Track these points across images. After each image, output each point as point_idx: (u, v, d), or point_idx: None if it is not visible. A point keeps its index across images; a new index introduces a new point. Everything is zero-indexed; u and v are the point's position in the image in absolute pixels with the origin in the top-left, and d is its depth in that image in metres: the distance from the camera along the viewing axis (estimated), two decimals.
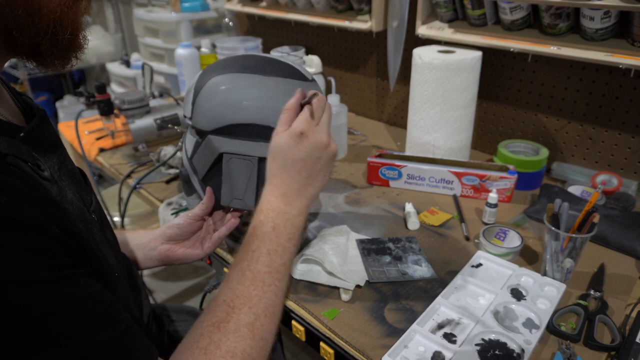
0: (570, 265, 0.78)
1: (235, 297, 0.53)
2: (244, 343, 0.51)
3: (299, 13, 1.58)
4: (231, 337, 0.50)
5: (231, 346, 0.50)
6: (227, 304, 0.53)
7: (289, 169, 0.62)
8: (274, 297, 0.55)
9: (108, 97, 1.30)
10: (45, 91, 3.24)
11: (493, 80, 1.25)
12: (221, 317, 0.52)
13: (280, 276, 0.57)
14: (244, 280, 0.55)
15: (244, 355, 0.50)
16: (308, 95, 0.65)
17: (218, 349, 0.49)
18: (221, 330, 0.51)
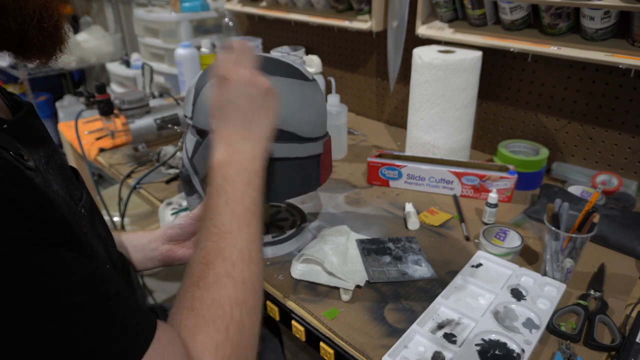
0: (570, 265, 0.78)
1: (206, 253, 0.53)
2: (227, 290, 0.50)
3: (299, 13, 1.58)
4: (213, 289, 0.50)
5: (215, 297, 0.49)
6: (201, 262, 0.52)
7: (224, 118, 0.60)
8: (246, 242, 0.54)
9: (108, 97, 1.30)
10: (45, 91, 3.23)
11: (493, 80, 1.25)
12: (198, 275, 0.51)
13: (247, 221, 0.55)
14: (211, 237, 0.54)
15: (230, 301, 0.50)
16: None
17: (203, 303, 0.49)
18: (201, 286, 0.50)
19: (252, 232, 0.55)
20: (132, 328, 0.43)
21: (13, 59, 0.55)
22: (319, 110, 0.79)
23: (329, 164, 0.85)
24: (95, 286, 0.42)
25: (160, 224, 1.06)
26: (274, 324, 1.01)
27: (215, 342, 0.47)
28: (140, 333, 0.43)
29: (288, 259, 0.87)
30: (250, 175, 0.58)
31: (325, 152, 0.81)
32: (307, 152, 0.78)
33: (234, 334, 0.48)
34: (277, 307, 0.80)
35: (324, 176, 0.83)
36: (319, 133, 0.80)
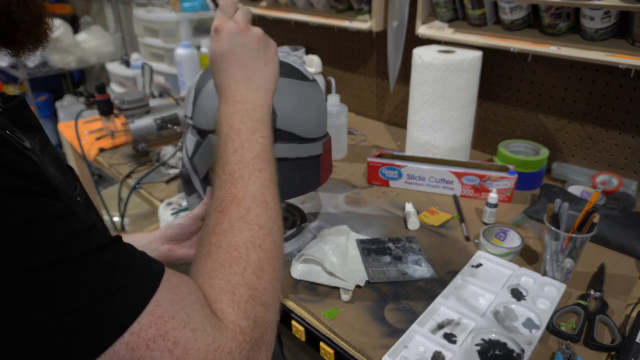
0: (570, 265, 0.78)
1: (221, 201, 0.53)
2: (243, 235, 0.50)
3: (299, 13, 1.58)
4: (228, 234, 0.50)
5: (232, 240, 0.49)
6: (216, 210, 0.52)
7: (222, 69, 0.60)
8: (259, 187, 0.54)
9: (108, 97, 1.30)
10: (45, 91, 3.23)
11: (493, 80, 1.25)
12: (214, 222, 0.51)
13: (257, 167, 0.55)
14: (223, 185, 0.54)
15: (247, 244, 0.49)
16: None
17: (219, 248, 0.49)
18: (217, 232, 0.50)
19: (264, 177, 0.55)
20: (136, 271, 0.41)
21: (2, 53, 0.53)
22: (319, 110, 0.79)
23: (329, 164, 0.85)
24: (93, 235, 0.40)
25: (160, 224, 1.06)
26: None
27: (232, 284, 0.46)
28: (145, 277, 0.41)
29: (288, 259, 0.87)
30: (255, 123, 0.58)
31: (325, 152, 0.81)
32: (307, 152, 0.78)
33: (251, 277, 0.47)
34: None
35: (324, 176, 0.83)
36: (318, 133, 0.80)
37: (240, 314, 0.45)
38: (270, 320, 0.48)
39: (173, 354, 0.40)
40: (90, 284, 0.37)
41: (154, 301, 0.40)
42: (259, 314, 0.46)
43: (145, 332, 0.39)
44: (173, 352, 0.40)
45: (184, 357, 0.40)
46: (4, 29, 0.47)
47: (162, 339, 0.39)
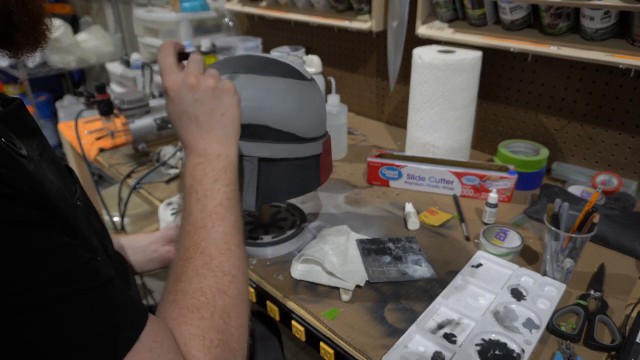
0: (570, 265, 0.78)
1: (185, 250, 0.54)
2: (208, 281, 0.51)
3: (299, 13, 1.58)
4: (194, 281, 0.51)
5: (197, 287, 0.50)
6: (181, 258, 0.53)
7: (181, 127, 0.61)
8: (222, 235, 0.55)
9: (108, 97, 1.30)
10: (45, 91, 3.23)
11: (493, 80, 1.25)
12: (179, 271, 0.52)
13: (220, 216, 0.56)
14: (187, 235, 0.55)
15: (212, 290, 0.50)
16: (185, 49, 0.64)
17: (185, 294, 0.49)
18: (182, 280, 0.51)
19: (227, 225, 0.56)
20: (124, 316, 0.43)
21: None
22: (318, 110, 0.79)
23: (329, 163, 0.85)
24: (86, 273, 0.41)
25: (160, 224, 1.06)
26: (273, 323, 1.01)
27: (201, 328, 0.47)
28: (131, 321, 0.43)
29: (288, 259, 0.87)
30: (218, 172, 0.58)
31: (324, 151, 0.81)
32: (307, 152, 0.78)
33: (219, 321, 0.48)
34: (277, 307, 0.80)
35: (324, 176, 0.83)
36: (318, 133, 0.80)
37: (211, 359, 0.46)
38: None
39: None
40: (72, 329, 0.38)
41: (135, 349, 0.41)
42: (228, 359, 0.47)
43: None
44: None
45: None
46: (3, 30, 0.47)
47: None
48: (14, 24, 0.47)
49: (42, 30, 0.51)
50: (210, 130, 0.60)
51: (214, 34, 2.08)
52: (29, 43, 0.50)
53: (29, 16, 0.48)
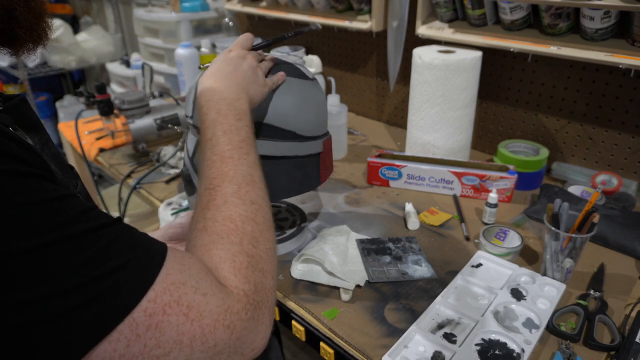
0: (570, 265, 0.78)
1: (212, 179, 0.55)
2: (237, 208, 0.52)
3: (299, 13, 1.58)
4: (223, 208, 0.52)
5: (227, 214, 0.51)
6: (208, 188, 0.54)
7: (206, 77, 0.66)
8: (247, 167, 0.56)
9: (108, 97, 1.30)
10: (45, 91, 3.23)
11: (493, 80, 1.25)
12: (207, 199, 0.53)
13: (244, 151, 0.58)
14: (213, 164, 0.56)
15: (242, 217, 0.51)
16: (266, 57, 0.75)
17: (215, 221, 0.51)
18: (211, 208, 0.52)
19: (251, 159, 0.58)
20: (145, 244, 0.43)
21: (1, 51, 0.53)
22: (319, 109, 0.79)
23: (330, 162, 0.85)
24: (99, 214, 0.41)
25: (160, 224, 1.06)
26: (273, 323, 1.01)
27: (231, 252, 0.48)
28: (153, 247, 0.43)
29: (288, 258, 0.87)
30: (239, 112, 0.61)
31: (325, 151, 0.81)
32: (307, 150, 0.78)
33: (248, 246, 0.50)
34: (277, 307, 0.80)
35: (324, 175, 0.83)
36: (319, 132, 0.80)
37: (242, 279, 0.47)
38: (270, 286, 0.50)
39: (188, 317, 0.42)
40: (100, 258, 0.38)
41: (164, 270, 0.42)
42: (258, 279, 0.49)
43: (160, 298, 0.41)
44: (188, 315, 0.42)
45: (198, 319, 0.42)
46: (5, 26, 0.47)
47: (176, 304, 0.41)
48: (17, 21, 0.48)
49: (44, 28, 0.51)
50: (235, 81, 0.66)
51: (214, 34, 2.08)
52: (30, 40, 0.50)
53: (32, 13, 0.48)
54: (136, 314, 0.39)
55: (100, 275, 0.38)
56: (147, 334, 0.40)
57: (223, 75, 0.66)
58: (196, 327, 0.42)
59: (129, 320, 0.39)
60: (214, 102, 0.61)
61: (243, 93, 0.65)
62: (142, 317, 0.39)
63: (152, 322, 0.40)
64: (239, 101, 0.63)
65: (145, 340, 0.40)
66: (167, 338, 0.41)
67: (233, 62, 0.68)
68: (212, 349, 0.44)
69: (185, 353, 0.42)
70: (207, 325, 0.43)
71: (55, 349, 0.36)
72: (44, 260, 0.36)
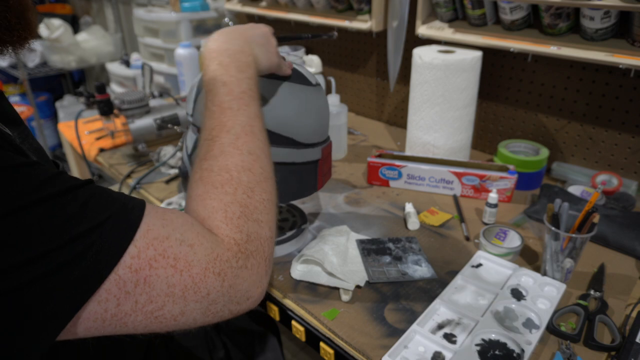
0: (570, 265, 0.78)
1: (210, 130, 0.55)
2: (233, 158, 0.52)
3: (299, 13, 1.58)
4: (219, 158, 0.52)
5: (223, 164, 0.51)
6: (206, 138, 0.54)
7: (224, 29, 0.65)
8: (247, 118, 0.56)
9: (108, 97, 1.30)
10: (45, 91, 3.23)
11: (493, 80, 1.25)
12: (206, 150, 0.53)
13: (245, 102, 0.57)
14: (213, 115, 0.56)
15: (237, 168, 0.51)
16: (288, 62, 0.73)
17: (211, 171, 0.51)
18: (208, 158, 0.52)
19: (251, 111, 0.57)
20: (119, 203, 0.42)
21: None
22: (320, 116, 0.77)
23: (328, 169, 0.84)
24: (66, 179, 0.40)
25: None
26: (272, 323, 1.01)
27: (224, 202, 0.48)
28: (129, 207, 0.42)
29: (288, 259, 0.87)
30: (241, 64, 0.60)
31: (323, 157, 0.80)
32: (305, 157, 0.76)
33: (242, 196, 0.50)
34: (277, 307, 0.80)
35: (321, 182, 0.82)
36: (318, 139, 0.78)
37: (233, 228, 0.47)
38: (265, 236, 0.50)
39: (177, 269, 0.42)
40: (74, 219, 0.38)
41: (144, 226, 0.41)
42: (252, 229, 0.49)
43: (144, 253, 0.40)
44: (176, 267, 0.42)
45: (187, 269, 0.42)
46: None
47: (162, 257, 0.41)
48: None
49: (26, 27, 0.50)
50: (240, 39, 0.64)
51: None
52: (10, 41, 0.49)
53: (11, 12, 0.47)
54: (121, 271, 0.39)
55: (77, 235, 0.37)
56: (137, 289, 0.40)
57: (229, 32, 0.64)
58: (186, 277, 0.42)
59: (114, 278, 0.38)
60: (216, 54, 0.60)
61: (247, 47, 0.63)
62: (128, 274, 0.39)
63: (139, 277, 0.40)
64: (242, 54, 0.62)
65: (136, 296, 0.40)
66: (157, 292, 0.41)
67: (243, 26, 0.67)
68: (206, 298, 0.43)
69: (180, 305, 0.42)
70: (196, 274, 0.43)
71: (41, 313, 0.36)
72: (18, 226, 0.35)
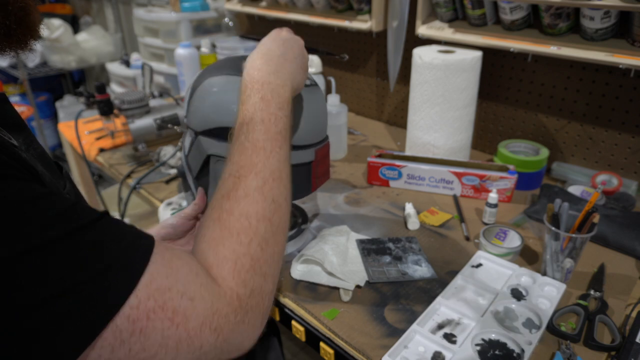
0: (570, 265, 0.78)
1: (239, 167, 0.53)
2: (257, 205, 0.51)
3: (299, 13, 1.58)
4: (242, 202, 0.50)
5: (244, 209, 0.50)
6: (233, 175, 0.53)
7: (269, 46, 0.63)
8: (278, 162, 0.55)
9: (108, 97, 1.30)
10: (45, 91, 3.23)
11: (493, 80, 1.25)
12: (230, 187, 0.52)
13: (279, 143, 0.56)
14: (244, 151, 0.54)
15: (258, 216, 0.50)
16: None
17: (231, 214, 0.49)
18: (231, 198, 0.51)
19: (283, 153, 0.56)
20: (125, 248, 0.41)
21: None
22: (314, 117, 0.75)
23: (324, 170, 0.81)
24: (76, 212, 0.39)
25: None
26: (272, 323, 1.01)
27: (236, 253, 0.48)
28: (135, 252, 0.41)
29: (288, 259, 0.87)
30: (282, 100, 0.59)
31: (318, 159, 0.77)
32: (295, 159, 0.73)
33: (256, 249, 0.49)
34: (277, 307, 0.80)
35: (315, 184, 0.79)
36: (311, 140, 0.76)
37: (239, 282, 0.47)
38: (268, 290, 0.49)
39: (173, 322, 0.41)
40: (79, 264, 0.37)
41: (148, 275, 0.41)
42: (257, 284, 0.48)
43: (144, 304, 0.40)
44: (173, 320, 0.41)
45: (184, 323, 0.42)
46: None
47: (161, 309, 0.40)
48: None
49: (27, 30, 0.49)
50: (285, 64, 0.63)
51: (214, 34, 2.08)
52: (11, 44, 0.49)
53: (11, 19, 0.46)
54: (119, 320, 0.38)
55: (80, 282, 0.36)
56: (132, 339, 0.39)
57: (273, 57, 0.62)
58: (182, 331, 0.41)
59: (112, 327, 0.38)
60: (259, 85, 0.59)
61: (289, 80, 0.62)
62: (125, 324, 0.38)
63: (135, 327, 0.39)
64: (284, 88, 0.60)
65: (130, 345, 0.39)
66: (152, 342, 0.40)
67: (285, 44, 0.65)
68: (198, 350, 0.43)
69: (171, 355, 0.42)
70: (192, 328, 0.42)
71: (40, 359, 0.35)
72: (21, 268, 0.34)
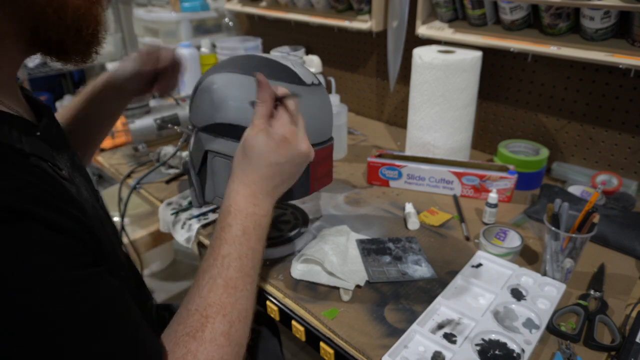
0: (570, 265, 0.78)
1: (208, 305, 0.52)
2: (222, 351, 0.51)
3: (299, 13, 1.58)
4: (208, 346, 0.50)
5: (209, 355, 0.50)
6: (200, 313, 0.52)
7: (262, 170, 0.60)
8: (246, 301, 0.55)
9: None
10: (45, 91, 3.23)
11: (493, 80, 1.25)
12: (196, 327, 0.51)
13: (251, 279, 0.57)
14: (215, 289, 0.54)
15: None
16: (278, 92, 0.65)
17: (195, 358, 0.49)
18: (197, 339, 0.50)
19: (252, 291, 0.57)
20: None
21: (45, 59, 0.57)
22: (315, 117, 0.74)
23: (324, 172, 0.79)
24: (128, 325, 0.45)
25: (161, 224, 1.06)
26: (273, 323, 1.01)
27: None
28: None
29: (288, 259, 0.87)
30: (262, 231, 0.60)
31: (317, 161, 0.74)
32: None
33: None
34: (277, 307, 0.80)
35: (314, 186, 0.78)
36: (311, 140, 0.71)
37: None
38: None
39: None
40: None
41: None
42: None
43: None
44: None
45: None
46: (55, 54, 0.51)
47: None
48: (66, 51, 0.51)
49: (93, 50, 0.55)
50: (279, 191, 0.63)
51: (214, 34, 2.08)
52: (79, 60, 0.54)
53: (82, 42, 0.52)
54: None
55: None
56: None
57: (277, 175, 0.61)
58: None
59: None
60: (242, 216, 0.58)
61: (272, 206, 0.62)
62: None
63: None
64: (266, 218, 0.61)
65: None
66: None
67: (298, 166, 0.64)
68: None
69: None
70: None
71: None
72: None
